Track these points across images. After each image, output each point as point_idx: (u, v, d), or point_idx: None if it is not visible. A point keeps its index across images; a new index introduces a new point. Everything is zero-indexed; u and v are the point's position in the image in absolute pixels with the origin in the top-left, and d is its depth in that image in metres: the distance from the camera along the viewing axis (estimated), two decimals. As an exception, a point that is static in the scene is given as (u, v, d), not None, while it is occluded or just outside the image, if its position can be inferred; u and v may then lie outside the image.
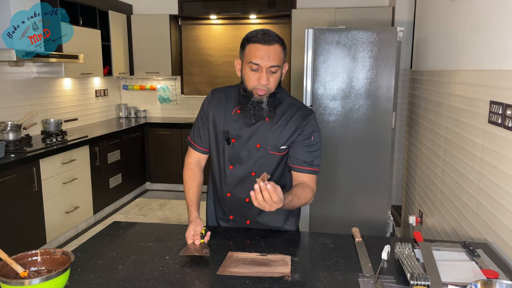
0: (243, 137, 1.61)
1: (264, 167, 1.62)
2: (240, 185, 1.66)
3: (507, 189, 1.58)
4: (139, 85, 5.69)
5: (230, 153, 1.63)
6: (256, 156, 1.61)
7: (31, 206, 3.30)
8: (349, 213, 3.12)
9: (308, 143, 1.61)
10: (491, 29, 1.81)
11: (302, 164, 1.61)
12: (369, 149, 3.02)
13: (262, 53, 1.47)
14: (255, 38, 1.49)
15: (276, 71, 1.51)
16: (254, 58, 1.48)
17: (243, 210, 1.70)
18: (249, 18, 5.36)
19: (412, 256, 1.39)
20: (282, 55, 1.52)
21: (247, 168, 1.63)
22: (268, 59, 1.48)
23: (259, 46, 1.48)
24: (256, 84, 1.51)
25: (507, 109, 1.58)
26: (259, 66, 1.49)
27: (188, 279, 1.29)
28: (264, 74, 1.49)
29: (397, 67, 2.96)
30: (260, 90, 1.52)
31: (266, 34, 1.50)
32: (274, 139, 1.60)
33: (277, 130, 1.59)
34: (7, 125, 3.48)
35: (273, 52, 1.48)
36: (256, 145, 1.60)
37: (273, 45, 1.48)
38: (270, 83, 1.51)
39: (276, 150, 1.61)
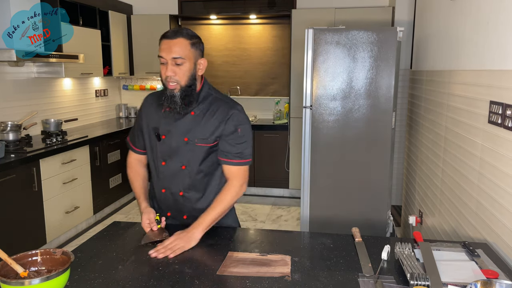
0: (172, 132, 1.67)
1: (194, 159, 1.67)
2: (174, 179, 1.71)
3: (507, 189, 1.58)
4: (139, 85, 5.69)
5: (161, 149, 1.70)
6: (185, 149, 1.67)
7: (31, 206, 3.30)
8: (349, 213, 3.12)
9: (234, 136, 1.66)
10: (491, 29, 1.81)
11: (229, 157, 1.67)
12: (369, 149, 3.02)
13: (165, 46, 1.56)
14: (164, 35, 1.58)
15: (181, 63, 1.56)
16: (160, 51, 1.57)
17: (178, 205, 1.74)
18: (249, 18, 5.36)
19: (412, 256, 1.39)
20: (189, 47, 1.57)
21: (178, 162, 1.69)
22: (170, 52, 1.55)
23: (164, 41, 1.57)
24: (164, 76, 1.59)
25: (507, 109, 1.58)
26: (163, 58, 1.56)
27: (188, 279, 1.29)
28: (169, 66, 1.56)
29: (397, 67, 2.96)
30: (169, 84, 1.58)
31: (174, 30, 1.58)
32: (200, 131, 1.66)
33: (202, 122, 1.66)
34: (7, 125, 3.48)
35: (176, 44, 1.55)
36: (184, 138, 1.66)
37: (177, 39, 1.55)
38: (177, 75, 1.57)
39: (203, 142, 1.66)
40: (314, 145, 3.09)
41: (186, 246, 1.50)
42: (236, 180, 1.68)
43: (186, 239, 1.52)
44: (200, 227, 1.57)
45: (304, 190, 3.18)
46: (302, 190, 3.20)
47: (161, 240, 1.54)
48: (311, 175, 3.14)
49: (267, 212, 4.64)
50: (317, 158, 3.11)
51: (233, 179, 1.68)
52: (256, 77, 5.49)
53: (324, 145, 3.08)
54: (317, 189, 3.15)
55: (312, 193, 3.16)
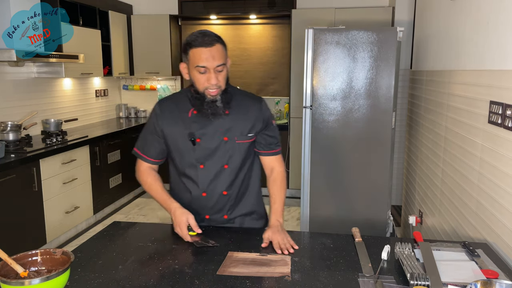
0: (208, 134, 1.65)
1: (235, 157, 1.68)
2: (215, 180, 1.69)
3: (507, 189, 1.58)
4: (139, 85, 5.69)
5: (198, 153, 1.66)
6: (226, 148, 1.66)
7: (31, 206, 3.30)
8: (349, 213, 3.12)
9: (271, 128, 1.74)
10: (491, 29, 1.81)
11: (272, 147, 1.75)
12: (369, 149, 3.02)
13: (206, 56, 1.52)
14: (196, 42, 1.52)
15: (222, 69, 1.57)
16: (199, 61, 1.53)
17: (219, 205, 1.73)
18: (249, 18, 5.36)
19: (412, 256, 1.39)
20: (224, 52, 1.58)
21: (219, 163, 1.68)
22: (213, 60, 1.53)
23: (202, 50, 1.52)
24: (207, 85, 1.56)
25: (507, 109, 1.58)
26: (206, 68, 1.53)
27: (188, 279, 1.29)
28: (213, 75, 1.54)
29: (397, 67, 2.96)
30: (212, 91, 1.57)
31: (205, 36, 1.53)
32: (238, 129, 1.67)
33: (238, 120, 1.67)
34: (7, 125, 3.48)
35: (216, 52, 1.53)
36: (223, 138, 1.65)
37: (215, 46, 1.53)
38: (219, 81, 1.58)
39: (244, 138, 1.68)
40: (314, 145, 3.09)
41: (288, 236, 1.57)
42: (281, 167, 1.79)
43: (283, 231, 1.60)
44: (280, 216, 1.68)
45: (304, 190, 3.18)
46: (302, 190, 3.20)
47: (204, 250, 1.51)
48: (311, 175, 3.14)
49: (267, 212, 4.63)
50: (317, 158, 3.11)
51: (278, 166, 1.78)
52: (256, 77, 5.49)
53: (324, 145, 3.08)
54: (317, 189, 3.15)
55: (312, 193, 3.16)
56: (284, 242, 1.53)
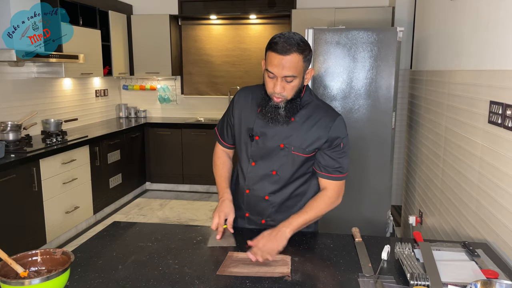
0: (267, 135, 1.62)
1: (285, 167, 1.63)
2: (260, 182, 1.67)
3: (507, 189, 1.58)
4: (139, 85, 5.69)
5: (253, 150, 1.65)
6: (279, 155, 1.62)
7: (31, 206, 3.30)
8: (349, 213, 3.12)
9: (336, 150, 1.60)
10: (491, 29, 1.81)
11: (329, 171, 1.62)
12: (369, 149, 3.02)
13: (277, 62, 1.46)
14: (274, 46, 1.46)
15: (291, 80, 1.49)
16: (270, 66, 1.48)
17: (260, 207, 1.70)
18: (249, 18, 5.36)
19: (412, 256, 1.39)
20: (301, 63, 1.48)
21: (269, 166, 1.64)
22: (282, 69, 1.46)
23: (275, 55, 1.46)
24: (272, 91, 1.52)
25: (507, 109, 1.58)
26: (274, 74, 1.48)
27: (188, 279, 1.29)
28: (279, 83, 1.49)
29: (397, 67, 2.96)
30: (275, 97, 1.52)
31: (286, 42, 1.45)
32: (298, 140, 1.59)
33: (302, 131, 1.59)
34: (7, 125, 3.48)
35: (288, 62, 1.45)
36: (280, 144, 1.60)
37: (290, 55, 1.44)
38: (285, 91, 1.51)
39: (301, 151, 1.60)
40: (314, 145, 3.09)
41: (277, 248, 1.45)
42: (333, 192, 1.63)
43: (277, 239, 1.46)
44: (290, 227, 1.52)
45: (304, 190, 3.18)
46: (302, 190, 3.19)
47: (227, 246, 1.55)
48: (311, 175, 3.13)
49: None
50: (317, 158, 3.10)
51: (331, 190, 1.63)
52: (256, 77, 5.49)
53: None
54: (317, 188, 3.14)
55: (312, 193, 3.16)
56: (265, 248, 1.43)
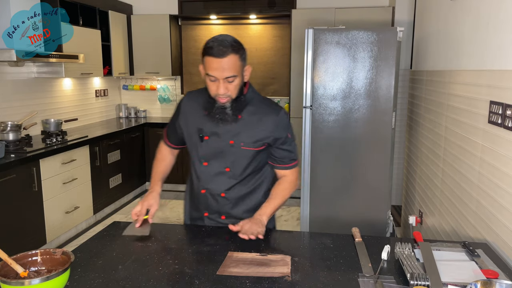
0: (217, 134, 1.67)
1: (237, 163, 1.69)
2: (215, 180, 1.71)
3: (507, 189, 1.58)
4: (139, 85, 5.69)
5: (204, 150, 1.69)
6: (230, 152, 1.67)
7: (31, 206, 3.30)
8: (349, 213, 3.12)
9: (286, 141, 1.70)
10: (491, 29, 1.81)
11: (285, 162, 1.73)
12: (369, 149, 3.02)
13: (216, 66, 1.50)
14: (210, 51, 1.50)
15: (233, 80, 1.55)
16: (210, 70, 1.53)
17: (217, 205, 1.74)
18: (249, 18, 5.36)
19: (412, 256, 1.39)
20: (239, 62, 1.54)
21: (222, 164, 1.69)
22: (223, 71, 1.51)
23: (213, 59, 1.50)
24: (216, 93, 1.57)
25: (507, 109, 1.58)
26: (215, 77, 1.53)
27: (188, 279, 1.29)
28: (222, 85, 1.54)
29: (397, 67, 2.96)
30: (221, 98, 1.58)
31: (221, 45, 1.50)
32: (247, 136, 1.66)
33: (250, 127, 1.66)
34: (7, 125, 3.48)
35: (227, 63, 1.50)
36: (229, 141, 1.66)
37: (227, 57, 1.50)
38: (229, 91, 1.57)
39: (250, 146, 1.67)
40: (314, 145, 3.09)
41: (261, 230, 1.59)
42: (293, 177, 1.76)
43: (259, 224, 1.61)
44: (265, 215, 1.65)
45: (304, 190, 3.18)
46: (302, 190, 3.20)
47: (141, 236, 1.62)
48: (311, 175, 3.14)
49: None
50: (317, 158, 3.11)
51: (290, 175, 1.76)
52: (256, 77, 5.49)
53: (324, 145, 3.08)
54: (317, 189, 3.15)
55: (312, 193, 3.16)
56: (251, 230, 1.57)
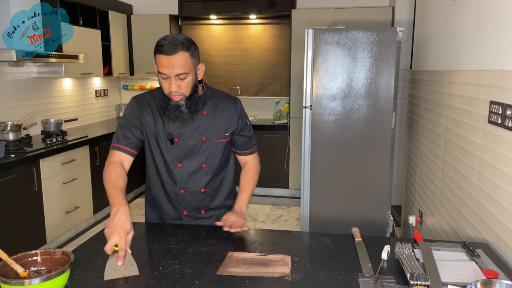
0: (186, 133, 1.68)
1: (212, 157, 1.73)
2: (192, 179, 1.73)
3: (507, 189, 1.58)
4: (139, 85, 5.69)
5: (176, 151, 1.69)
6: (203, 148, 1.71)
7: (31, 206, 3.30)
8: (349, 213, 3.12)
9: (246, 128, 1.80)
10: (491, 29, 1.81)
11: (247, 147, 1.83)
12: (369, 149, 3.02)
13: (166, 63, 1.51)
14: (161, 49, 1.51)
15: (184, 77, 1.55)
16: (161, 68, 1.53)
17: (197, 201, 1.77)
18: (249, 18, 5.36)
19: (412, 256, 1.39)
20: (190, 60, 1.55)
21: (197, 161, 1.72)
22: (173, 68, 1.52)
23: (163, 57, 1.51)
24: (168, 90, 1.57)
25: (507, 109, 1.58)
26: (166, 74, 1.54)
27: (188, 279, 1.29)
28: (173, 82, 1.54)
29: (397, 67, 2.96)
30: (174, 96, 1.58)
31: (171, 43, 1.50)
32: (216, 129, 1.72)
33: (216, 120, 1.71)
34: (7, 125, 3.48)
35: (177, 60, 1.51)
36: (201, 137, 1.70)
37: (177, 54, 1.50)
38: (181, 88, 1.57)
39: (220, 138, 1.73)
40: (314, 145, 3.09)
41: (244, 222, 1.68)
42: (256, 162, 1.87)
43: (241, 216, 1.69)
44: (244, 206, 1.75)
45: (304, 190, 3.18)
46: (302, 190, 3.20)
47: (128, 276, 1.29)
48: (311, 175, 3.14)
49: (267, 212, 4.64)
50: (317, 158, 3.11)
51: (252, 161, 1.86)
52: (256, 77, 5.49)
53: (324, 145, 3.08)
54: (317, 189, 3.15)
55: (312, 193, 3.16)
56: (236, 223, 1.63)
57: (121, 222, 1.37)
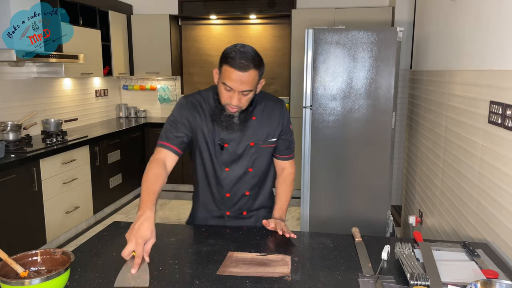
0: (236, 139, 1.68)
1: (259, 161, 1.73)
2: (238, 182, 1.74)
3: (507, 189, 1.58)
4: (139, 85, 5.69)
5: (224, 157, 1.69)
6: (251, 153, 1.71)
7: (31, 206, 3.30)
8: (349, 213, 3.12)
9: (289, 132, 1.78)
10: (491, 29, 1.81)
11: (286, 153, 1.80)
12: (369, 149, 3.02)
13: (235, 78, 1.50)
14: (232, 62, 1.49)
15: (247, 94, 1.56)
16: (227, 80, 1.52)
17: (241, 203, 1.78)
18: (249, 18, 5.36)
19: (412, 256, 1.39)
20: (257, 78, 1.55)
21: (244, 166, 1.72)
22: (241, 84, 1.52)
23: (234, 71, 1.49)
24: (228, 102, 1.57)
25: (507, 109, 1.58)
26: (231, 88, 1.53)
27: (188, 279, 1.29)
28: (236, 96, 1.54)
29: (397, 67, 2.96)
30: (231, 108, 1.59)
31: (243, 59, 1.48)
32: (263, 134, 1.71)
33: (263, 125, 1.70)
34: (7, 125, 3.48)
35: (246, 78, 1.51)
36: (250, 143, 1.69)
37: (248, 72, 1.50)
38: (241, 103, 1.58)
39: (268, 143, 1.73)
40: (314, 145, 3.09)
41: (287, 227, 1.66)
42: (292, 168, 1.84)
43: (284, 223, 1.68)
44: (284, 215, 1.76)
45: (304, 190, 3.18)
46: (302, 190, 3.20)
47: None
48: (311, 175, 3.14)
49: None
50: (317, 158, 3.11)
51: (289, 167, 1.83)
52: (256, 77, 5.48)
53: (324, 145, 3.08)
54: (317, 189, 3.15)
55: (312, 193, 3.16)
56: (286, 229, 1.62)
57: (142, 228, 1.30)
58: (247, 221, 1.81)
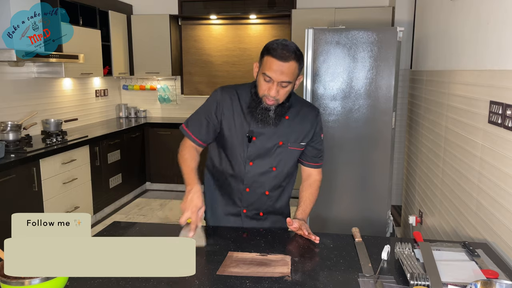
0: (265, 134, 1.68)
1: (284, 162, 1.73)
2: (260, 179, 1.73)
3: (507, 189, 1.58)
4: (139, 85, 5.69)
5: (251, 150, 1.69)
6: (278, 152, 1.71)
7: (31, 206, 3.30)
8: (349, 213, 3.12)
9: (320, 140, 1.78)
10: (491, 29, 1.81)
11: (315, 160, 1.80)
12: (369, 149, 3.02)
13: (276, 68, 1.53)
14: (274, 52, 1.53)
15: (286, 85, 1.57)
16: (268, 70, 1.54)
17: (259, 203, 1.77)
18: (249, 18, 5.36)
19: (412, 256, 1.39)
20: (297, 71, 1.57)
21: (268, 164, 1.71)
22: (281, 74, 1.53)
23: (275, 61, 1.52)
24: (266, 93, 1.58)
25: (507, 109, 1.58)
26: (271, 79, 1.54)
27: (188, 279, 1.29)
28: (275, 87, 1.56)
29: (397, 67, 2.96)
30: (268, 100, 1.59)
31: (284, 50, 1.52)
32: (293, 136, 1.71)
33: (295, 127, 1.71)
34: (7, 125, 3.48)
35: (287, 69, 1.53)
36: (278, 142, 1.69)
37: (289, 62, 1.53)
38: (279, 95, 1.59)
39: (296, 146, 1.73)
40: (314, 145, 3.09)
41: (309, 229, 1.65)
42: (319, 176, 1.83)
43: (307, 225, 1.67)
44: (306, 218, 1.74)
45: (304, 190, 3.18)
46: (302, 190, 3.19)
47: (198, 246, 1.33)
48: (311, 175, 3.13)
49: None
50: (317, 158, 3.10)
51: (316, 175, 1.82)
52: (256, 77, 5.49)
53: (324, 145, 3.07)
54: (317, 189, 3.14)
55: (312, 193, 3.16)
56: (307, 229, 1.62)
57: (194, 199, 1.50)
58: (262, 222, 1.80)
